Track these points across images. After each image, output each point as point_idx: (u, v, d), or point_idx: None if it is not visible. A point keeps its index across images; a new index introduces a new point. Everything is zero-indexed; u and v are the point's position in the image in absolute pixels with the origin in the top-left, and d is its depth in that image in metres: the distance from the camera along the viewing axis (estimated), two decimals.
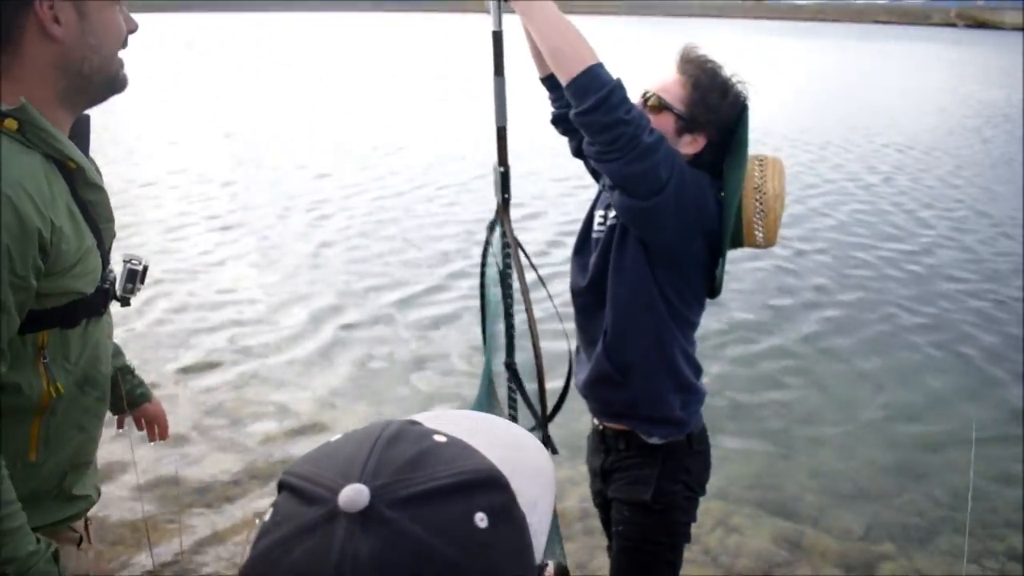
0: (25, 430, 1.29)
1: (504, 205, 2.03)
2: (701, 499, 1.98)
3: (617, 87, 1.63)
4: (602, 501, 2.05)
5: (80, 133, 1.38)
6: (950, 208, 8.88)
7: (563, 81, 1.65)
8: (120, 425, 1.84)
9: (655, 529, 1.91)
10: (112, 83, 1.35)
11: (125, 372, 1.77)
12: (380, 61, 26.12)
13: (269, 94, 18.02)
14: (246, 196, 8.92)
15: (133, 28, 1.36)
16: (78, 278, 1.28)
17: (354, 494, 0.52)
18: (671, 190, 1.67)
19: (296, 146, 11.88)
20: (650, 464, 1.88)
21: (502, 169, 1.99)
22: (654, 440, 1.88)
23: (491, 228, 2.13)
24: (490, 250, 2.20)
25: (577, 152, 1.98)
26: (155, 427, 1.86)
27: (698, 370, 1.96)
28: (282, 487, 0.56)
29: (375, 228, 7.80)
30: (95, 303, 1.35)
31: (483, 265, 2.30)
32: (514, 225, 2.06)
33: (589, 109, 1.62)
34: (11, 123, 1.19)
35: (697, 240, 1.77)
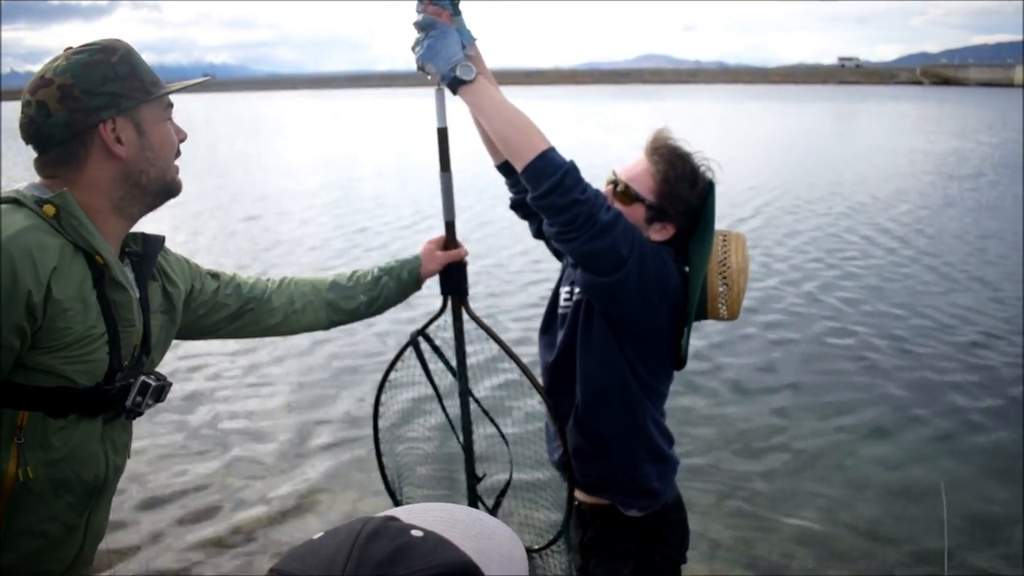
0: None
1: (463, 298, 2.03)
2: (685, 566, 1.98)
3: (571, 169, 1.67)
4: None
5: (151, 252, 1.45)
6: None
7: (518, 168, 1.69)
8: (458, 258, 1.97)
9: None
10: (168, 189, 1.43)
11: (380, 278, 1.88)
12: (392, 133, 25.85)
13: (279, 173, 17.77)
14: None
15: (183, 137, 1.45)
16: (71, 363, 1.26)
17: None
18: (633, 265, 1.70)
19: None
20: (628, 538, 1.90)
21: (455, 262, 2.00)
22: (632, 513, 1.89)
23: (420, 333, 2.04)
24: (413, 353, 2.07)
25: (538, 234, 2.02)
26: (456, 253, 1.96)
27: (670, 439, 1.97)
28: None
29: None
30: (89, 401, 1.31)
31: (381, 386, 2.14)
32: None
33: (545, 193, 1.66)
34: (49, 208, 1.26)
35: (662, 312, 1.79)
